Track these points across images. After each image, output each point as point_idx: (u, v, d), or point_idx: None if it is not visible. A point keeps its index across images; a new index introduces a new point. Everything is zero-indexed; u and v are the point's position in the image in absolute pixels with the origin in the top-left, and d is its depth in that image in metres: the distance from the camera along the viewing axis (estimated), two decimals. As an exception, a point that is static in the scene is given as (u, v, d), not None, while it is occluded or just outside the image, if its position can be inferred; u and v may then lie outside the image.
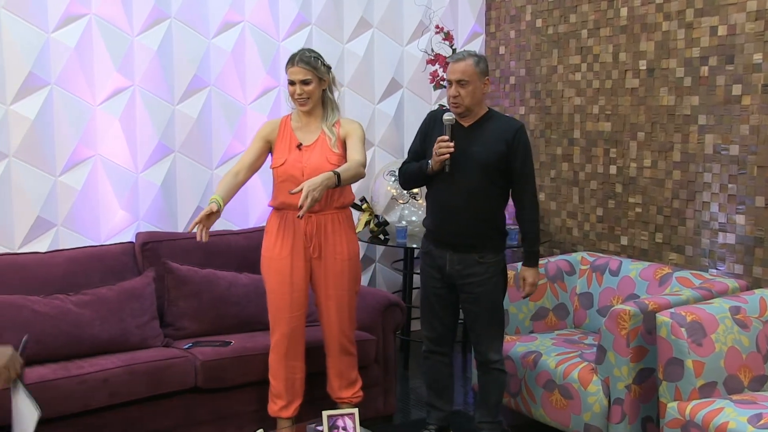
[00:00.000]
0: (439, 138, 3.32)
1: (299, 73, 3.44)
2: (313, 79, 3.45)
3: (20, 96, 4.14)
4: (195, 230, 3.23)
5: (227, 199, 3.38)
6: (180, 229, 4.59)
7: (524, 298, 3.63)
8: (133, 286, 3.80)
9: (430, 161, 3.38)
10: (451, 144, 3.29)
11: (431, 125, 3.51)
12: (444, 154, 3.29)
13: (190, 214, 4.64)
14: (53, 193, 4.22)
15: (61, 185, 4.26)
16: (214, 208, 3.24)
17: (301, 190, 3.12)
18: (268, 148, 3.55)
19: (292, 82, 3.47)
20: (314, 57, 3.48)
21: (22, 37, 4.12)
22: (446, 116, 3.33)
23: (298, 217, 3.15)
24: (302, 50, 3.52)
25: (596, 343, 3.54)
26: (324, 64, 3.50)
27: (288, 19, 4.88)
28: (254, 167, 3.52)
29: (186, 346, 3.72)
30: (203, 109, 4.64)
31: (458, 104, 3.37)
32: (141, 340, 3.69)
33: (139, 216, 4.49)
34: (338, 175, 3.24)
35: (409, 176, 3.56)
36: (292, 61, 3.48)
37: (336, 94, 3.60)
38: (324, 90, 3.53)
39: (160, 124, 4.49)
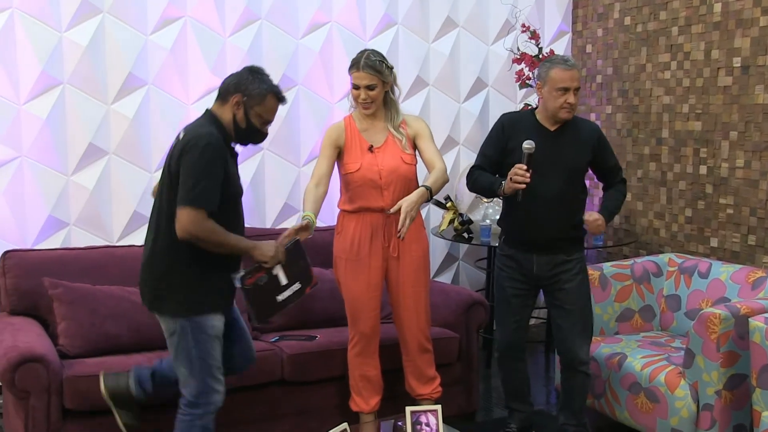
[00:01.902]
0: (517, 166, 3.22)
1: (365, 78, 3.37)
2: (377, 84, 3.38)
3: (120, 96, 4.28)
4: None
5: (317, 213, 3.34)
6: (268, 225, 4.65)
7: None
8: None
9: (503, 182, 3.29)
10: (528, 174, 3.20)
11: (509, 133, 3.39)
12: (520, 183, 3.21)
13: (278, 211, 4.70)
14: (149, 189, 4.32)
15: (156, 181, 4.37)
16: (305, 223, 3.19)
17: (399, 209, 3.17)
18: (338, 153, 3.48)
19: (356, 86, 3.40)
20: (379, 61, 3.39)
21: (123, 40, 4.26)
22: (526, 144, 3.21)
23: (400, 237, 3.23)
24: (366, 53, 3.41)
25: (684, 346, 3.43)
26: (388, 66, 3.42)
27: (375, 19, 4.88)
28: (330, 174, 3.48)
29: (273, 340, 3.76)
30: (291, 107, 4.68)
31: (573, 110, 3.31)
32: (229, 332, 3.74)
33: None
34: (430, 189, 3.30)
35: (479, 187, 3.50)
36: (356, 65, 3.39)
37: (397, 93, 3.53)
38: (386, 91, 3.46)
39: (250, 122, 4.55)
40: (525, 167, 3.20)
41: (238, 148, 3.06)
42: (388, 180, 3.39)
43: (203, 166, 2.76)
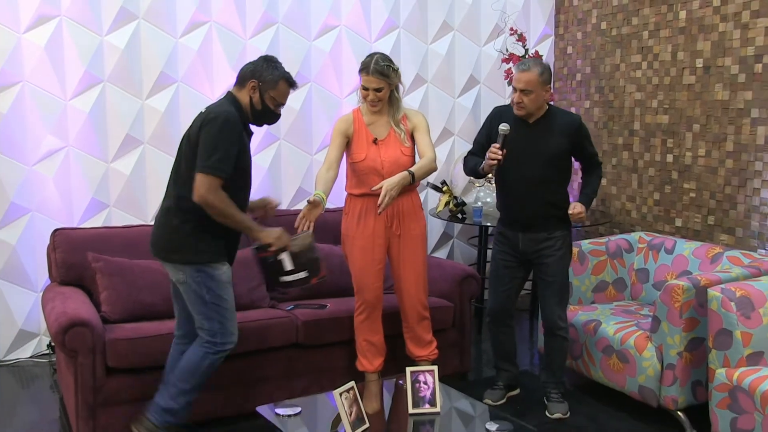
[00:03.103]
0: (493, 145, 3.30)
1: (373, 82, 3.38)
2: (384, 86, 3.40)
3: (153, 92, 4.34)
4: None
5: (328, 192, 3.36)
6: (284, 207, 4.70)
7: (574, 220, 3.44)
8: (245, 256, 3.85)
9: (484, 162, 3.37)
10: (500, 152, 3.26)
11: (496, 123, 3.44)
12: (494, 160, 3.28)
13: (293, 194, 4.77)
14: (179, 174, 4.40)
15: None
16: (316, 199, 3.23)
17: (380, 188, 3.19)
18: (347, 142, 3.51)
19: (365, 88, 3.41)
20: (387, 65, 3.38)
21: (156, 43, 4.31)
22: (502, 126, 3.26)
23: (379, 213, 3.25)
24: (375, 58, 3.39)
25: (651, 314, 3.49)
26: (394, 70, 3.42)
27: (379, 23, 4.92)
28: (340, 160, 3.51)
29: (288, 308, 3.80)
30: (304, 102, 4.74)
31: (521, 108, 3.35)
32: (250, 301, 3.79)
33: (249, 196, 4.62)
34: (412, 174, 3.32)
35: (469, 169, 3.59)
36: (366, 69, 3.38)
37: (402, 90, 3.53)
38: (392, 90, 3.48)
39: (268, 115, 4.61)
40: (499, 146, 3.27)
41: (253, 128, 3.06)
42: (390, 169, 3.42)
43: (220, 139, 2.80)
